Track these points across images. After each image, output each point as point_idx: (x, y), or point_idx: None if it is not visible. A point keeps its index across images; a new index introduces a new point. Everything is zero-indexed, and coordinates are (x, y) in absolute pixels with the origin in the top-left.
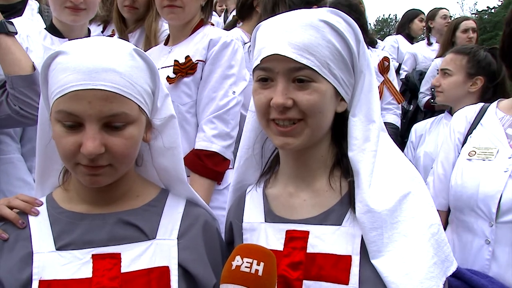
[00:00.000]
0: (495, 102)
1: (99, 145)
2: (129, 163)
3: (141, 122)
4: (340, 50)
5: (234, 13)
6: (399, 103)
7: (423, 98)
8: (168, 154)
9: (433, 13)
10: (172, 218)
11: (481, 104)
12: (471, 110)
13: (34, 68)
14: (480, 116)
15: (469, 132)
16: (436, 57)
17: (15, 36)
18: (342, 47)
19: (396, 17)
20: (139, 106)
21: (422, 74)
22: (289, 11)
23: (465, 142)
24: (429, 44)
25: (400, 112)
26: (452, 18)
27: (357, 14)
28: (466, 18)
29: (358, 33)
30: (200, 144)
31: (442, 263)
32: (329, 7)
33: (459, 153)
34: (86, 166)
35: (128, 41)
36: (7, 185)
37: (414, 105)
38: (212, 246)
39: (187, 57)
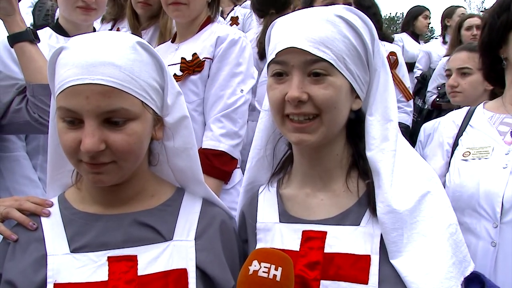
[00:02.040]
0: (481, 104)
1: (98, 142)
2: (134, 161)
3: (146, 119)
4: (355, 46)
5: (232, 14)
6: (407, 100)
7: (431, 97)
8: (184, 155)
9: (451, 11)
10: (188, 218)
11: (468, 107)
12: (458, 114)
13: None
14: (468, 119)
15: (459, 135)
16: (445, 56)
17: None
18: (358, 43)
19: (403, 16)
20: (142, 101)
21: None
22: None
23: (456, 146)
24: (445, 42)
25: (411, 109)
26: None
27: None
28: (470, 16)
29: (373, 31)
30: (208, 143)
31: (460, 263)
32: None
33: (448, 158)
34: (88, 163)
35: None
36: (13, 183)
37: None
38: (229, 247)
39: (194, 54)
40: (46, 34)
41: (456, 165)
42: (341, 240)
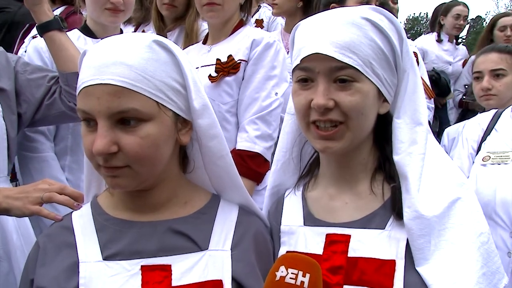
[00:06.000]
0: (510, 107)
1: (108, 143)
2: (151, 166)
3: (162, 121)
4: (383, 49)
5: (256, 16)
6: (430, 98)
7: (458, 95)
8: (220, 162)
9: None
10: (225, 226)
11: (495, 110)
12: (485, 117)
13: None
14: (494, 122)
15: (483, 139)
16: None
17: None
18: (385, 46)
19: (427, 16)
20: (157, 102)
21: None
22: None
23: (480, 150)
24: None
25: (433, 106)
26: (488, 16)
27: None
28: (506, 15)
29: (401, 32)
30: (243, 145)
31: (493, 275)
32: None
33: (474, 162)
34: (104, 167)
35: None
36: None
37: None
38: (263, 258)
39: (229, 56)
40: (74, 36)
41: (475, 171)
42: (365, 244)
